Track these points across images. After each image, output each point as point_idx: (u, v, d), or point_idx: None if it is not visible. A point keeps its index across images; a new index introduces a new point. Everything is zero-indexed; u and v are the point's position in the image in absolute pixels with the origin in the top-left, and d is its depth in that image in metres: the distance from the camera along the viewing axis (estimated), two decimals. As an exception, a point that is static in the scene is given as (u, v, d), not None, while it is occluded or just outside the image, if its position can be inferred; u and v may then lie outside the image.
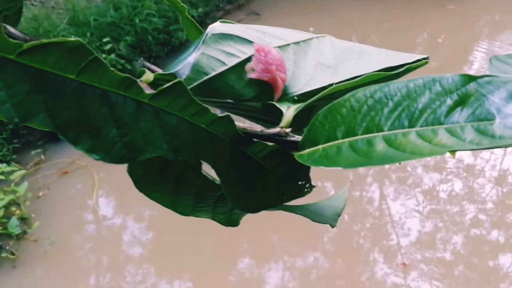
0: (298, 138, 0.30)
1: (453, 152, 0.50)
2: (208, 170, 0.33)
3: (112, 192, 3.01)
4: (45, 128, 0.24)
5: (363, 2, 5.02)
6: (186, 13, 0.38)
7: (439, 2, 4.78)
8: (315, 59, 0.34)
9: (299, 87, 0.33)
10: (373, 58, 0.34)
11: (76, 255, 2.57)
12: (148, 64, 0.34)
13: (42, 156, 3.12)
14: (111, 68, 0.24)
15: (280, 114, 0.32)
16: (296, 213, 0.37)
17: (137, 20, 3.90)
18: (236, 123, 0.29)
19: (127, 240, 2.68)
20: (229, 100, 0.32)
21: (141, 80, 0.29)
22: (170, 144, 0.27)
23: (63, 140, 0.24)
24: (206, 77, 0.31)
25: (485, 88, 0.25)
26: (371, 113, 0.27)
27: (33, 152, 3.11)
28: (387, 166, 3.17)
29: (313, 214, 0.38)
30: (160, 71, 0.46)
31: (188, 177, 0.32)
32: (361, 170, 3.24)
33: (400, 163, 0.24)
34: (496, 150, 3.23)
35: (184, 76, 0.31)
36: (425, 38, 4.47)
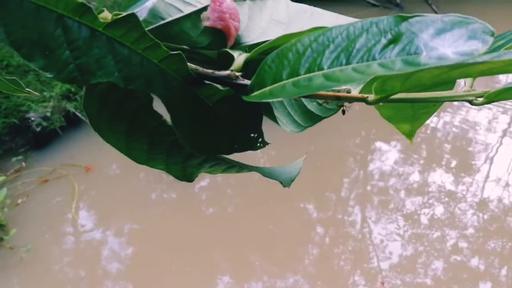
0: (248, 82, 0.32)
1: (410, 137, 0.52)
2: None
3: (93, 204, 2.99)
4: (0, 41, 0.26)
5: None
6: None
7: None
8: (269, 16, 0.36)
9: (252, 38, 0.35)
10: (324, 18, 0.36)
11: (53, 267, 2.54)
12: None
13: (23, 164, 3.10)
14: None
15: (232, 63, 0.34)
16: (250, 170, 0.38)
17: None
18: (188, 64, 0.31)
19: (106, 255, 2.65)
20: (185, 47, 0.34)
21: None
22: (121, 72, 0.29)
23: (19, 56, 0.26)
24: (162, 22, 0.33)
25: (416, 27, 0.27)
26: (314, 55, 0.29)
27: (14, 159, 3.09)
28: (369, 188, 3.18)
29: (267, 174, 0.39)
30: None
31: (142, 117, 0.33)
32: (344, 193, 3.26)
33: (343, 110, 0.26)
34: (477, 177, 3.26)
35: (141, 19, 0.32)
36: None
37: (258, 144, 0.36)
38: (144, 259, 2.63)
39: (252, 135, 0.35)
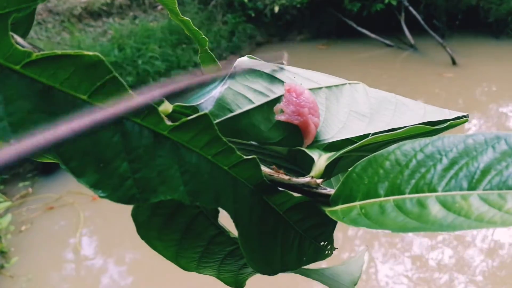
0: (330, 191, 0.26)
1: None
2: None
3: (96, 232, 2.92)
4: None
5: (363, 65, 5.10)
6: (206, 46, 0.35)
7: (436, 71, 4.86)
8: (348, 106, 0.31)
9: (331, 134, 0.30)
10: (411, 111, 0.31)
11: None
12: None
13: (30, 189, 3.05)
14: (130, 91, 0.21)
15: (308, 162, 0.28)
16: (312, 278, 0.33)
17: (139, 62, 3.93)
18: (262, 168, 0.26)
19: (105, 283, 2.59)
20: (253, 142, 0.29)
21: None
22: (187, 186, 0.23)
23: (65, 170, 0.21)
24: (230, 114, 0.28)
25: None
26: (421, 170, 0.23)
27: (21, 185, 3.04)
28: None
29: (330, 280, 0.33)
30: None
31: (200, 227, 0.28)
32: (351, 231, 3.20)
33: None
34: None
35: (206, 111, 0.27)
36: (422, 105, 4.50)
37: (327, 252, 0.31)
38: (144, 289, 2.57)
39: (322, 243, 0.30)
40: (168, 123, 0.22)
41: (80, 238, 2.80)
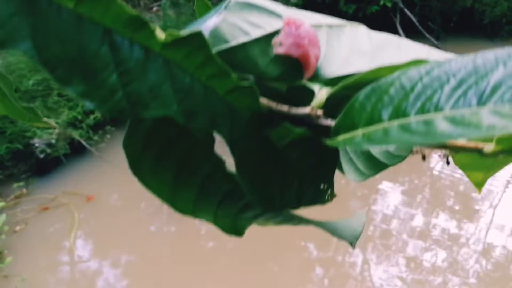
0: (332, 122, 0.25)
1: (480, 186, 0.45)
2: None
3: (91, 234, 2.91)
4: (28, 56, 0.19)
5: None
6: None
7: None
8: (349, 44, 0.30)
9: (332, 69, 0.28)
10: (415, 50, 0.30)
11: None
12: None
13: (24, 190, 3.04)
14: (120, 1, 0.20)
15: (308, 99, 0.27)
16: (310, 224, 0.31)
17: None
18: (260, 98, 0.24)
19: (100, 285, 2.57)
20: (250, 77, 0.28)
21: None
22: (181, 105, 0.22)
23: (52, 79, 0.19)
24: (226, 46, 0.26)
25: None
26: (427, 92, 0.22)
27: (15, 185, 3.03)
28: (371, 228, 3.10)
29: (330, 229, 0.32)
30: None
31: (196, 161, 0.26)
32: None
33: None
34: (481, 223, 3.19)
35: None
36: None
37: (326, 197, 0.29)
38: (139, 292, 2.55)
39: (322, 186, 0.29)
40: (160, 38, 0.21)
41: (75, 239, 2.78)
